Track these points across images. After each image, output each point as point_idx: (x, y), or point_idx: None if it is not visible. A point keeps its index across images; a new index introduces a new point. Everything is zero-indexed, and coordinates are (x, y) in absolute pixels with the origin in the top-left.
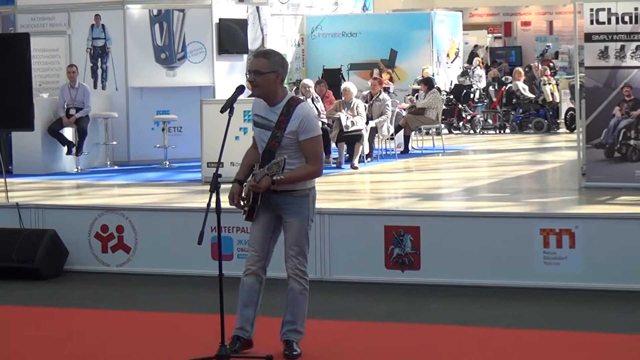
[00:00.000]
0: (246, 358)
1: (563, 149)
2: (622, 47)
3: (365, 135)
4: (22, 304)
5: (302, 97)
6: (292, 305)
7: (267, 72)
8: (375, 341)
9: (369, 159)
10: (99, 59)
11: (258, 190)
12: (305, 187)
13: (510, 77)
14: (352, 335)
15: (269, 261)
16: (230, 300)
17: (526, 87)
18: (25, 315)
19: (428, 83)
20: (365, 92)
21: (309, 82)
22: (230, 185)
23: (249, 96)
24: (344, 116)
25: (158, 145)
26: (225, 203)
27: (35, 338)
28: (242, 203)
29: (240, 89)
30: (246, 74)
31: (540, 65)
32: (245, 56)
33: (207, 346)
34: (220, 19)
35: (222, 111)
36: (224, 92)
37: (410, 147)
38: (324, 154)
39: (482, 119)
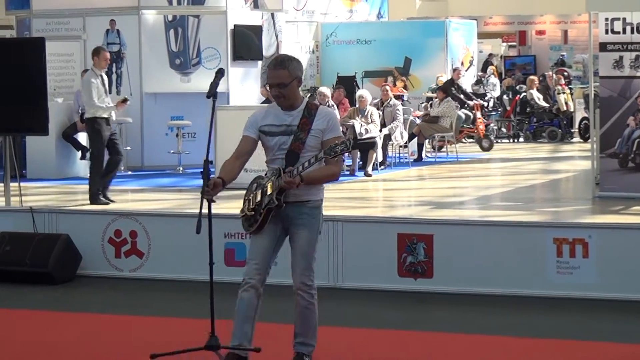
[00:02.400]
0: (236, 349)
1: (577, 159)
2: (637, 57)
3: (379, 143)
4: (35, 308)
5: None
6: (300, 319)
7: (290, 81)
8: (388, 349)
9: (382, 167)
10: (114, 64)
11: (292, 186)
12: (319, 197)
13: (524, 86)
14: (364, 343)
15: (268, 275)
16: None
17: (540, 96)
18: (38, 319)
19: (444, 90)
20: (376, 100)
21: (326, 91)
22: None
23: (262, 102)
24: (357, 123)
25: (172, 151)
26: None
27: (47, 342)
28: (250, 214)
29: (221, 73)
30: (265, 85)
31: (554, 75)
32: (259, 63)
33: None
34: (235, 25)
35: (208, 97)
36: (238, 99)
37: (423, 155)
38: (342, 159)
39: (495, 127)
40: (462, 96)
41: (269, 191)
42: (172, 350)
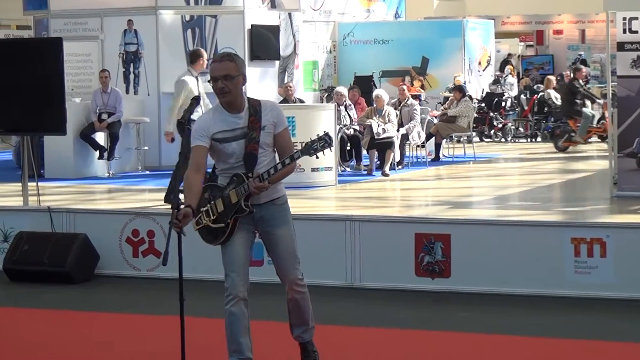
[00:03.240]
0: None
1: (594, 158)
2: None
3: (397, 143)
4: (52, 308)
5: (334, 104)
6: (297, 310)
7: (236, 75)
8: (405, 349)
9: (400, 167)
10: (131, 64)
11: (263, 190)
12: (284, 192)
13: (542, 86)
14: (381, 343)
15: (249, 282)
16: (258, 306)
17: (558, 96)
18: (56, 319)
19: (461, 90)
20: (393, 100)
21: (343, 90)
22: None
23: (280, 102)
24: (375, 123)
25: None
26: None
27: (65, 342)
28: (214, 226)
29: (196, 100)
30: (208, 81)
31: (572, 74)
32: (277, 63)
33: None
34: (252, 25)
35: (179, 123)
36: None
37: (441, 155)
38: None
39: (513, 127)
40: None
41: (234, 199)
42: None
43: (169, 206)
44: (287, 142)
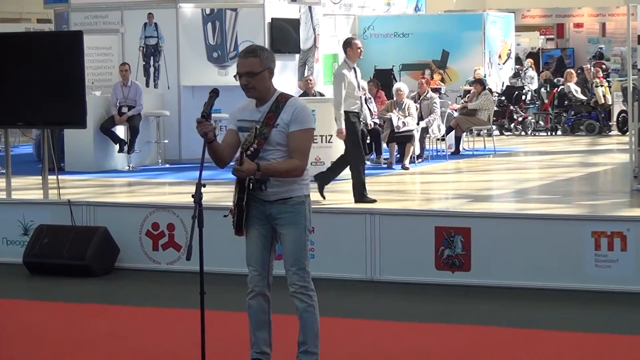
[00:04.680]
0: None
1: (615, 152)
2: None
3: (417, 136)
4: (72, 301)
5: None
6: (301, 324)
7: (260, 70)
8: (424, 342)
9: (419, 160)
10: (152, 58)
11: (241, 175)
12: (302, 193)
13: (562, 79)
14: (401, 336)
15: (271, 276)
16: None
17: (578, 89)
18: (76, 311)
19: (481, 83)
20: (413, 93)
21: (363, 84)
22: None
23: (300, 95)
24: (395, 117)
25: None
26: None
27: (85, 335)
28: (230, 215)
29: (215, 93)
30: (234, 76)
31: (592, 67)
32: (297, 56)
33: None
34: (272, 19)
35: (201, 118)
36: None
37: (461, 148)
38: (308, 154)
39: (533, 120)
40: None
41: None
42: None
43: (192, 200)
44: (295, 142)
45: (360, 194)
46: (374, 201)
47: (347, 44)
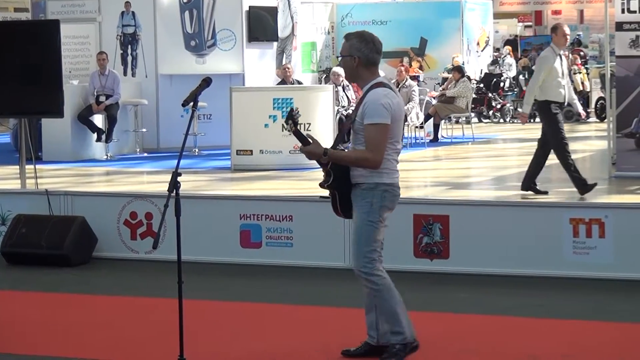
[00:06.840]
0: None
1: (593, 139)
2: None
3: None
4: (50, 291)
5: (332, 85)
6: (374, 307)
7: (345, 55)
8: None
9: None
10: (129, 46)
11: (307, 156)
12: (372, 180)
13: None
14: None
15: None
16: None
17: None
18: (54, 301)
19: (460, 71)
20: (392, 81)
21: (340, 71)
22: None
23: (278, 83)
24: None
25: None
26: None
27: (63, 324)
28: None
29: (207, 82)
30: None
31: (570, 54)
32: (275, 44)
33: (243, 335)
34: (250, 7)
35: (184, 105)
36: (253, 80)
37: (439, 136)
38: (385, 147)
39: (512, 107)
40: None
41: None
42: None
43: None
44: (365, 135)
45: (583, 185)
46: (546, 192)
47: (553, 30)
